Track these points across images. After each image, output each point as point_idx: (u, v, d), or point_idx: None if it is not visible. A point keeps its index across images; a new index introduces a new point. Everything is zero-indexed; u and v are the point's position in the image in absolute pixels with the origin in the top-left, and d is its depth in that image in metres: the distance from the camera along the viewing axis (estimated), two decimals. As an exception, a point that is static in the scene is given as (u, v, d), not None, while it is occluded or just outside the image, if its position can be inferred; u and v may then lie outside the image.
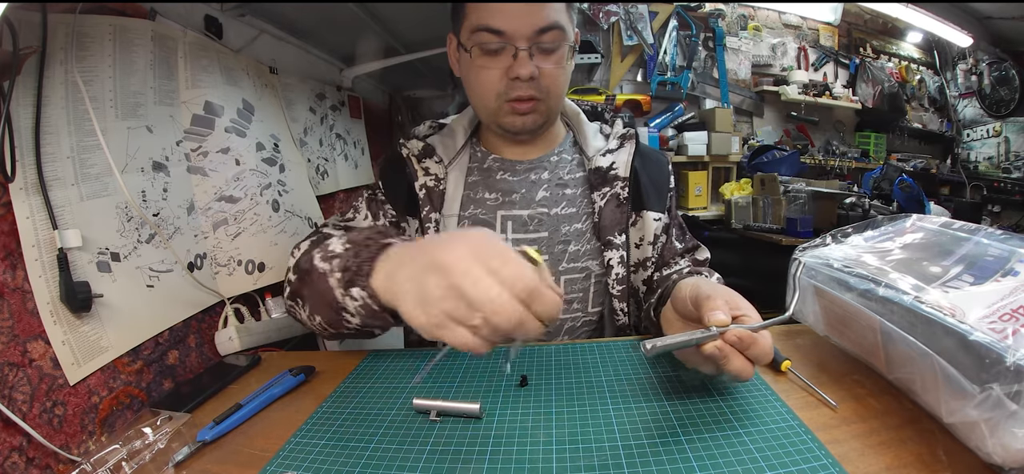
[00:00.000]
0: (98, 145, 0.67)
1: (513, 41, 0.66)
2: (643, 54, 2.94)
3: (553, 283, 0.40)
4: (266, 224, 0.98)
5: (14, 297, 0.56)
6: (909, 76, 3.45)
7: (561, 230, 0.76)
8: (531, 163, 0.79)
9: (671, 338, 0.43)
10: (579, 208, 0.77)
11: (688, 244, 0.82)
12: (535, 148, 0.80)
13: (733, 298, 0.50)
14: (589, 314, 0.77)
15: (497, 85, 0.69)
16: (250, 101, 1.02)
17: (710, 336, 0.44)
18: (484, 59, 0.69)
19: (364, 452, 0.47)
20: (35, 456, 0.55)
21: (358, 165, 1.58)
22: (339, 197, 1.43)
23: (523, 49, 0.66)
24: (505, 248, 0.39)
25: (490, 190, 0.77)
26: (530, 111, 0.71)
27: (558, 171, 0.79)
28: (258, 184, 0.99)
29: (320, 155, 1.34)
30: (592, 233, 0.76)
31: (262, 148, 1.03)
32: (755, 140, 3.12)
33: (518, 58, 0.67)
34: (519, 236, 0.76)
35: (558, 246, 0.75)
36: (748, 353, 0.45)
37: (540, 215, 0.76)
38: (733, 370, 0.45)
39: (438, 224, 0.75)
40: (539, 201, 0.76)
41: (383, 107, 2.03)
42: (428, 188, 0.75)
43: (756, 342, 0.44)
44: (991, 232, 0.52)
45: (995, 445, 0.36)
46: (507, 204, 0.76)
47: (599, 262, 0.76)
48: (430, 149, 0.78)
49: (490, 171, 0.78)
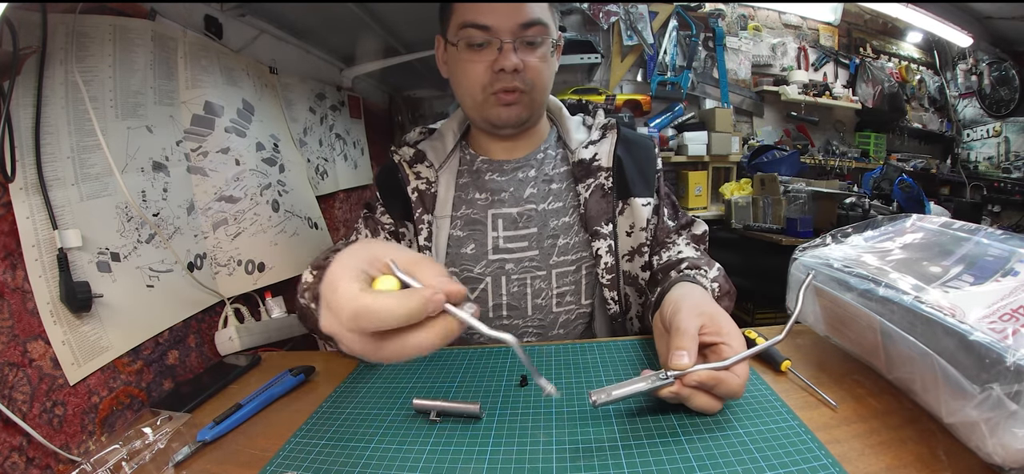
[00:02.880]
0: (98, 145, 0.67)
1: (498, 35, 0.68)
2: (643, 54, 2.94)
3: (418, 287, 0.36)
4: (266, 224, 0.99)
5: (14, 297, 0.56)
6: (909, 76, 3.45)
7: (550, 225, 0.77)
8: (518, 162, 0.80)
9: (620, 389, 0.44)
10: (566, 202, 0.78)
11: (681, 220, 0.83)
12: (521, 147, 0.81)
13: (715, 320, 0.49)
14: (582, 306, 0.78)
15: (483, 78, 0.71)
16: (250, 101, 1.02)
17: (664, 383, 0.44)
18: (470, 54, 0.71)
19: (364, 452, 0.47)
20: (35, 456, 0.55)
21: (358, 165, 1.58)
22: (339, 197, 1.43)
23: (508, 42, 0.68)
24: (337, 278, 0.37)
25: (480, 190, 0.79)
26: (515, 102, 0.73)
27: (544, 167, 0.80)
28: (258, 184, 0.99)
29: (320, 155, 1.34)
30: (579, 225, 0.78)
31: (262, 148, 1.03)
32: (755, 140, 3.11)
33: (503, 51, 0.69)
34: (510, 232, 0.77)
35: (548, 241, 0.77)
36: (715, 392, 0.45)
37: (528, 212, 0.77)
38: (697, 408, 0.46)
39: (431, 226, 0.77)
40: (527, 198, 0.78)
41: (383, 107, 2.03)
42: (420, 192, 0.77)
43: (722, 382, 0.44)
44: (991, 232, 0.52)
45: (995, 445, 0.36)
46: (497, 203, 0.78)
47: (589, 253, 0.77)
48: (421, 154, 0.79)
49: (479, 172, 0.80)
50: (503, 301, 0.77)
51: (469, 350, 0.68)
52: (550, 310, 0.77)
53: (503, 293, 0.77)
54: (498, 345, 0.77)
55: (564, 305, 0.77)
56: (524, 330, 0.77)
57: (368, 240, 0.55)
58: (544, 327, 0.77)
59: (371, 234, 0.80)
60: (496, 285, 0.76)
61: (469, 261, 0.77)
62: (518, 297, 0.76)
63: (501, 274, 0.76)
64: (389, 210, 0.80)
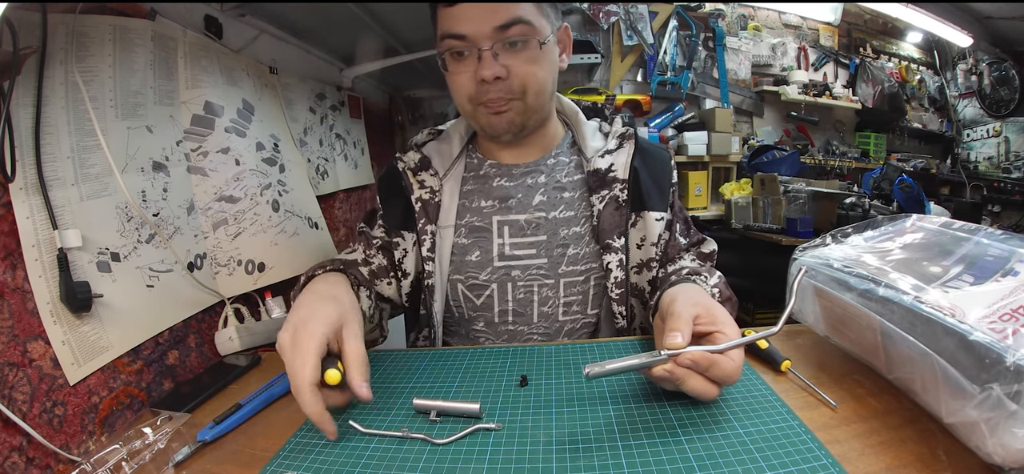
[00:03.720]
0: (98, 145, 0.67)
1: (476, 43, 0.65)
2: (643, 54, 2.94)
3: (348, 376, 0.50)
4: (266, 224, 0.98)
5: (14, 297, 0.56)
6: (909, 76, 3.45)
7: (559, 233, 0.75)
8: (527, 166, 0.78)
9: (613, 363, 0.44)
10: (578, 211, 0.76)
11: (693, 238, 0.82)
12: (531, 150, 0.79)
13: (710, 312, 0.49)
14: (588, 316, 0.77)
15: (468, 89, 0.68)
16: (250, 101, 1.02)
17: (658, 360, 0.44)
18: (454, 64, 0.68)
19: (364, 452, 0.47)
20: (35, 456, 0.55)
21: (358, 165, 1.59)
22: (339, 197, 1.43)
23: (485, 49, 0.65)
24: (308, 338, 0.49)
25: (486, 197, 0.77)
26: (504, 111, 0.69)
27: (555, 174, 0.78)
28: (258, 184, 0.99)
29: (320, 155, 1.34)
30: (591, 236, 0.75)
31: (262, 148, 1.03)
32: (755, 140, 3.11)
33: (482, 60, 0.65)
34: (517, 239, 0.75)
35: (557, 250, 0.75)
36: (709, 374, 0.45)
37: (537, 219, 0.75)
38: (691, 391, 0.46)
39: (434, 236, 0.75)
40: (536, 205, 0.76)
41: (383, 107, 2.03)
42: (423, 201, 0.75)
43: (716, 364, 0.44)
44: (991, 232, 0.52)
45: (995, 445, 0.36)
46: (503, 209, 0.76)
47: (599, 265, 0.75)
48: (426, 161, 0.78)
49: (486, 177, 0.78)
50: (509, 307, 0.76)
51: (469, 350, 0.68)
52: (556, 318, 0.76)
53: (509, 299, 0.76)
54: (506, 331, 0.78)
55: (570, 314, 0.76)
56: (528, 336, 0.76)
57: (337, 296, 0.56)
58: (549, 334, 0.76)
59: (366, 247, 0.79)
60: (502, 291, 0.76)
61: (474, 268, 0.76)
62: (524, 304, 0.76)
63: (507, 281, 0.75)
64: (388, 216, 0.79)
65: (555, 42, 0.72)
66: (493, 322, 0.77)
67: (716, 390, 0.46)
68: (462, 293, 0.77)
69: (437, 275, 0.76)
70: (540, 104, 0.72)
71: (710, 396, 0.46)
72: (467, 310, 0.78)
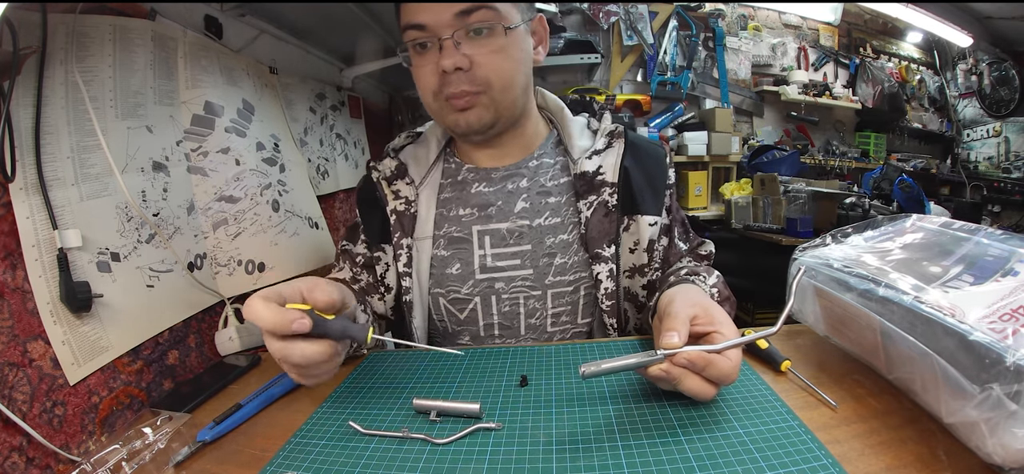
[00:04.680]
0: (98, 145, 0.67)
1: (436, 32, 0.61)
2: (643, 54, 2.94)
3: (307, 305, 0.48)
4: (266, 224, 0.98)
5: (14, 297, 0.56)
6: (909, 76, 3.45)
7: (545, 242, 0.70)
8: (508, 170, 0.73)
9: (609, 362, 0.44)
10: (564, 217, 0.71)
11: (692, 242, 0.79)
12: (511, 152, 0.74)
13: (708, 312, 0.49)
14: (579, 325, 0.74)
15: (432, 82, 0.64)
16: (250, 101, 1.02)
17: (654, 360, 0.44)
18: (417, 58, 0.65)
19: (364, 452, 0.47)
20: (35, 456, 0.55)
21: (358, 165, 1.59)
22: (339, 197, 1.43)
23: (446, 38, 0.61)
24: (254, 295, 0.47)
25: (465, 205, 0.72)
26: (470, 106, 0.64)
27: (539, 177, 0.73)
28: (258, 184, 0.99)
29: (320, 155, 1.34)
30: (579, 244, 0.71)
31: (262, 148, 1.03)
32: (755, 140, 3.12)
33: (443, 49, 0.61)
34: (499, 250, 0.71)
35: (543, 259, 0.71)
36: (705, 374, 0.44)
37: (521, 228, 0.71)
38: (688, 391, 0.45)
39: (411, 250, 0.71)
40: (519, 213, 0.71)
41: (383, 107, 2.03)
42: (398, 213, 0.71)
43: (712, 364, 0.44)
44: (991, 232, 0.52)
45: (995, 445, 0.36)
46: (484, 218, 0.71)
47: (588, 274, 0.71)
48: (403, 168, 0.74)
49: (464, 183, 0.73)
50: (494, 321, 0.72)
51: (469, 350, 0.68)
52: (545, 330, 0.72)
53: (494, 313, 0.72)
54: (493, 344, 0.77)
55: (560, 324, 0.72)
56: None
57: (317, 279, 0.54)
58: (541, 341, 0.74)
59: (350, 265, 0.76)
60: (486, 305, 0.72)
61: (455, 282, 0.72)
62: (510, 317, 0.72)
63: (491, 294, 0.71)
64: (367, 229, 0.76)
65: (527, 32, 0.67)
66: (479, 336, 0.74)
67: (713, 390, 0.46)
68: (444, 307, 0.74)
69: (416, 290, 0.72)
70: (510, 99, 0.67)
71: (707, 396, 0.46)
72: (451, 324, 0.75)
